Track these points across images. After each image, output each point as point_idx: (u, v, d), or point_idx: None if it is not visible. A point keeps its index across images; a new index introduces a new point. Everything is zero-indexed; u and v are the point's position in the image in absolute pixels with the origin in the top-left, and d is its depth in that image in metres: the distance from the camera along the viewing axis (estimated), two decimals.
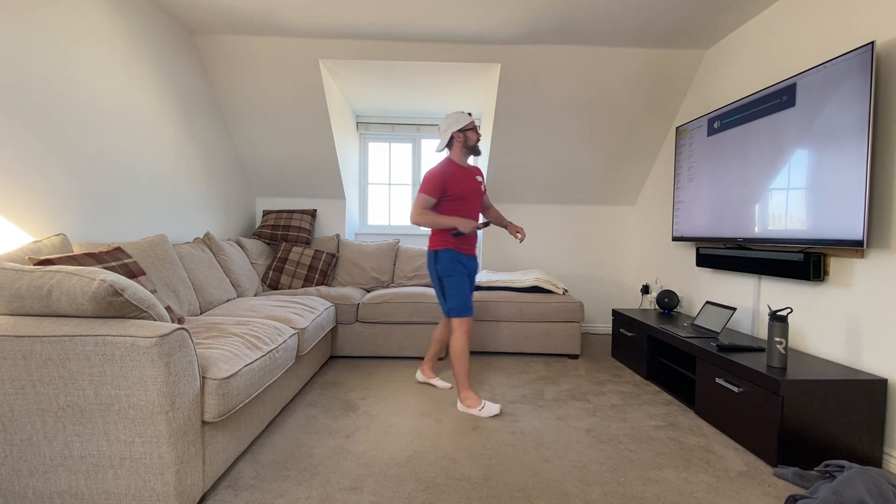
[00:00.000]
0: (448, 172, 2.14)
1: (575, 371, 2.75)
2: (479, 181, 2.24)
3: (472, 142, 2.19)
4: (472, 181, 2.21)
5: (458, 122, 2.15)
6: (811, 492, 1.39)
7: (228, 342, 1.59)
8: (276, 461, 1.62)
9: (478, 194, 2.23)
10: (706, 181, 2.58)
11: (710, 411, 1.99)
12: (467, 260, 2.22)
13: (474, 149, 2.21)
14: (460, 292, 2.14)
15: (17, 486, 1.24)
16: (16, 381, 1.20)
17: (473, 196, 2.20)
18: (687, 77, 2.98)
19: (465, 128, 2.16)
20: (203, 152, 2.97)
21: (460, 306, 2.13)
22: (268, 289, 3.15)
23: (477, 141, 2.20)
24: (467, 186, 2.18)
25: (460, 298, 2.14)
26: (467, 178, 2.19)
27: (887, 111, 1.70)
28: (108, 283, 1.18)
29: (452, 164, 2.18)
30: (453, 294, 2.14)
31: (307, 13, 2.49)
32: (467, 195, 2.17)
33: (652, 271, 3.49)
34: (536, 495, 1.43)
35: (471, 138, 2.18)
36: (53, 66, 1.82)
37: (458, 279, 2.15)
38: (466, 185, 2.17)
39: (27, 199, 1.71)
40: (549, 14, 2.45)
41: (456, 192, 2.14)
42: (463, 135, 2.16)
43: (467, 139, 2.17)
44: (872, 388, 1.63)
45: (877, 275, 1.73)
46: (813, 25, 2.05)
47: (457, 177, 2.15)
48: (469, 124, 2.17)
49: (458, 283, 2.15)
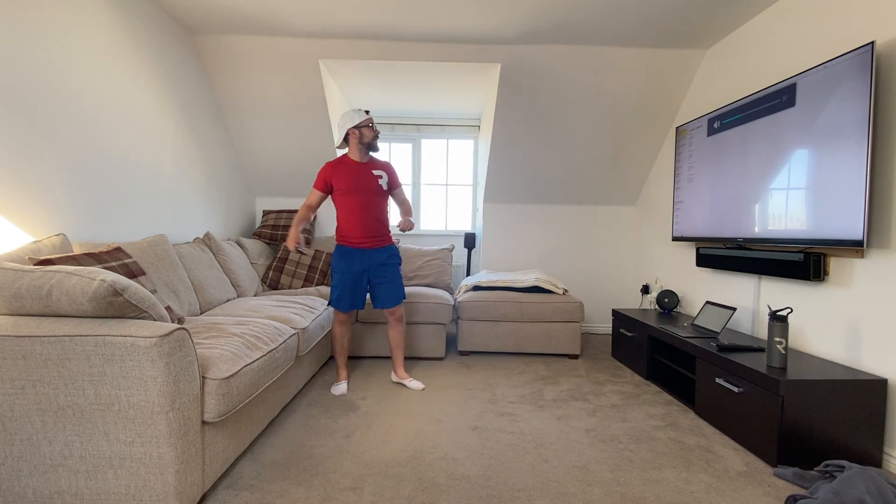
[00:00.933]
0: (334, 167, 2.29)
1: (575, 371, 2.75)
2: (376, 175, 2.28)
3: (366, 139, 2.27)
4: (366, 176, 2.26)
5: (352, 120, 2.24)
6: (811, 492, 1.39)
7: (228, 342, 1.59)
8: (276, 461, 1.62)
9: (371, 190, 2.27)
10: (706, 181, 2.58)
11: (710, 411, 1.99)
12: (358, 253, 2.29)
13: (370, 145, 2.29)
14: (335, 285, 2.32)
15: (17, 486, 1.24)
16: (16, 381, 1.20)
17: (364, 192, 2.26)
18: (687, 77, 2.98)
19: (359, 125, 2.25)
20: (203, 152, 2.97)
21: (333, 299, 2.32)
22: (268, 289, 3.15)
23: (373, 138, 2.28)
24: (357, 182, 2.25)
25: (333, 292, 2.32)
26: (360, 173, 2.26)
27: (887, 111, 1.70)
28: (108, 283, 1.18)
29: (345, 159, 2.31)
30: (332, 286, 2.34)
31: (307, 13, 2.49)
32: (354, 190, 2.25)
33: (652, 271, 3.49)
34: (536, 495, 1.43)
35: (365, 135, 2.27)
36: (53, 66, 1.82)
37: (339, 275, 2.30)
38: (356, 181, 2.25)
39: (27, 199, 1.71)
40: (549, 14, 2.45)
41: (341, 187, 2.26)
42: (358, 131, 2.25)
43: (362, 136, 2.26)
44: (872, 388, 1.63)
45: (877, 275, 1.73)
46: (813, 25, 2.05)
47: (345, 172, 2.26)
48: (364, 121, 2.26)
49: (337, 278, 2.31)
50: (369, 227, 2.28)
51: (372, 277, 2.33)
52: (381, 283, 2.32)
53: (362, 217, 2.26)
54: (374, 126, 2.30)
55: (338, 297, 2.29)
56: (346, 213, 2.28)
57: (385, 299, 2.33)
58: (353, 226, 2.27)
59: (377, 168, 2.32)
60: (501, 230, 3.84)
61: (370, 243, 2.30)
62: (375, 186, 2.28)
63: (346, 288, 2.28)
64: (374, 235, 2.30)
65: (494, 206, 3.82)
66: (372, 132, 2.28)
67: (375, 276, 2.32)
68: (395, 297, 2.34)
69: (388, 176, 2.33)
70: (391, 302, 2.34)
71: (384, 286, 2.32)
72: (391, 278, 2.33)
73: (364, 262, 2.29)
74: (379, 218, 2.32)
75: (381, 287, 2.33)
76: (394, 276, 2.34)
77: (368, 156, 2.34)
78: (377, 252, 2.32)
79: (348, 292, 2.29)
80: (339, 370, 2.41)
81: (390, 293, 2.33)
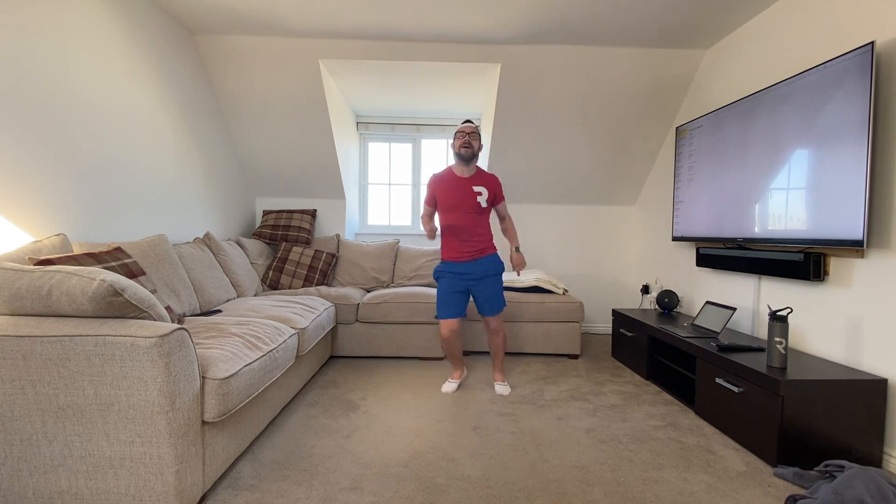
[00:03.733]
0: (435, 181, 2.28)
1: (575, 371, 2.74)
2: (475, 192, 2.22)
3: (455, 148, 2.24)
4: (464, 190, 2.21)
5: (456, 132, 2.23)
6: (811, 492, 1.39)
7: (228, 342, 1.59)
8: (276, 461, 1.62)
9: (468, 204, 2.21)
10: (706, 181, 2.58)
11: (710, 411, 1.99)
12: (454, 266, 2.27)
13: (459, 154, 2.22)
14: (439, 296, 2.30)
15: (17, 486, 1.24)
16: (16, 381, 1.20)
17: (461, 206, 2.21)
18: (687, 77, 2.98)
19: (455, 135, 2.24)
20: (203, 152, 2.97)
21: (437, 308, 2.31)
22: (268, 289, 3.15)
23: (460, 147, 2.20)
24: (457, 196, 2.21)
25: (437, 301, 2.30)
26: (458, 186, 2.22)
27: (887, 111, 1.70)
28: (108, 283, 1.18)
29: (446, 172, 2.28)
30: (437, 296, 2.34)
31: (307, 13, 2.49)
32: (454, 206, 2.21)
33: (652, 271, 3.49)
34: (536, 495, 1.43)
35: (454, 145, 2.24)
36: (53, 66, 1.82)
37: (440, 285, 2.31)
38: (455, 195, 2.21)
39: (27, 199, 1.71)
40: (549, 14, 2.45)
41: (442, 201, 2.25)
42: (454, 142, 2.24)
43: (454, 146, 2.24)
44: (872, 388, 1.63)
45: (877, 275, 1.73)
46: (813, 25, 2.05)
47: (444, 186, 2.24)
48: (457, 130, 2.23)
49: (439, 287, 2.31)
50: (458, 240, 2.25)
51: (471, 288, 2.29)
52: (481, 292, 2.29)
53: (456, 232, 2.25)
54: (466, 136, 2.18)
55: (439, 306, 2.29)
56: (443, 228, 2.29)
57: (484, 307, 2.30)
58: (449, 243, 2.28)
59: (477, 182, 2.23)
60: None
61: (463, 256, 2.26)
62: (472, 201, 2.21)
63: (444, 297, 2.27)
64: (461, 247, 2.26)
65: None
66: (458, 140, 2.20)
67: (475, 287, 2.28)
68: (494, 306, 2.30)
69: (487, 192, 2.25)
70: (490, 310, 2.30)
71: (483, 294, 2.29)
72: (474, 289, 2.29)
73: (458, 273, 2.27)
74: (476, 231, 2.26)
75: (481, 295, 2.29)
76: (477, 288, 2.29)
77: (471, 168, 2.26)
78: (467, 263, 2.26)
79: (444, 301, 2.28)
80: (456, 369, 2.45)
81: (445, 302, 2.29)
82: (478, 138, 2.23)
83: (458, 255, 2.26)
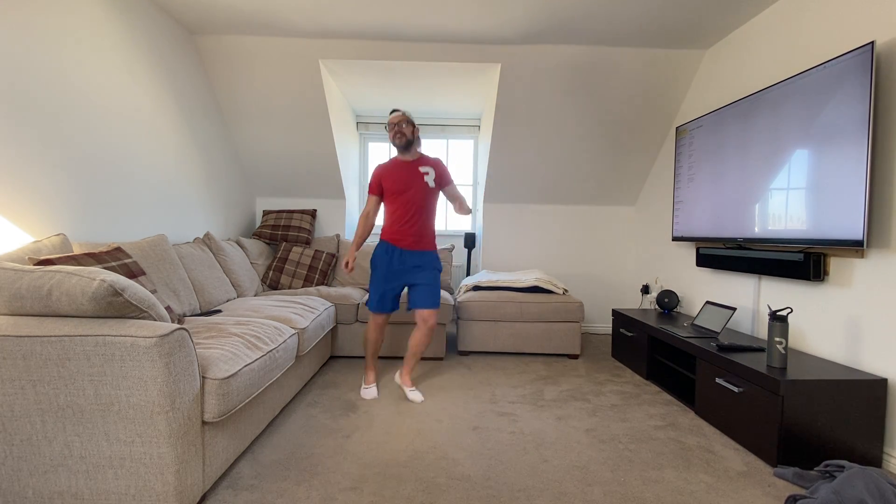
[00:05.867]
0: (381, 170, 2.27)
1: (575, 371, 2.74)
2: (421, 172, 2.22)
3: (390, 140, 2.24)
4: (411, 172, 2.22)
5: (385, 125, 2.30)
6: (811, 492, 1.39)
7: (228, 342, 1.59)
8: (276, 461, 1.62)
9: (417, 187, 2.21)
10: (706, 181, 2.58)
11: (710, 411, 1.99)
12: (392, 256, 2.22)
13: (395, 145, 2.23)
14: (374, 286, 2.27)
15: (17, 486, 1.24)
16: (16, 381, 1.20)
17: (411, 190, 2.21)
18: (687, 77, 2.98)
19: (385, 128, 2.27)
20: (203, 152, 2.97)
21: (371, 300, 2.28)
22: (268, 289, 3.15)
23: (393, 137, 2.21)
24: (406, 178, 2.20)
25: (372, 292, 2.28)
26: (405, 170, 2.22)
27: (887, 111, 1.70)
28: (108, 283, 1.18)
29: (391, 161, 2.30)
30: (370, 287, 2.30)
31: (307, 13, 2.49)
32: (403, 189, 2.20)
33: (652, 271, 3.49)
34: (536, 495, 1.43)
35: (389, 137, 2.25)
36: (53, 66, 1.82)
37: (375, 275, 2.27)
38: (404, 178, 2.20)
39: (27, 199, 1.71)
40: (549, 14, 2.45)
41: (389, 187, 2.23)
42: (388, 135, 2.25)
43: (389, 139, 2.25)
44: (872, 388, 1.63)
45: (877, 275, 1.73)
46: (813, 25, 2.05)
47: (391, 172, 2.24)
48: (387, 122, 2.25)
49: (374, 278, 2.27)
50: (408, 225, 2.23)
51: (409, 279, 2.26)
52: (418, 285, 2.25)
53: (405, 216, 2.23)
54: (395, 125, 2.20)
55: (371, 297, 2.27)
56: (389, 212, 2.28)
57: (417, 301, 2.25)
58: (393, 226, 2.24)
59: (423, 164, 2.25)
60: (501, 230, 3.84)
61: (410, 244, 2.23)
62: (421, 184, 2.21)
63: (378, 287, 2.25)
64: (412, 232, 2.24)
65: (494, 206, 3.82)
66: (389, 131, 2.24)
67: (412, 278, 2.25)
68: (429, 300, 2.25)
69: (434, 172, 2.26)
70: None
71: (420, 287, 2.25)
72: (411, 278, 2.25)
73: (402, 260, 2.23)
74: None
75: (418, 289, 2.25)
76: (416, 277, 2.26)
77: (412, 153, 2.27)
78: (412, 253, 2.24)
79: (377, 291, 2.26)
80: (368, 371, 2.36)
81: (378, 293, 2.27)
82: (409, 124, 2.22)
83: (400, 237, 2.22)
